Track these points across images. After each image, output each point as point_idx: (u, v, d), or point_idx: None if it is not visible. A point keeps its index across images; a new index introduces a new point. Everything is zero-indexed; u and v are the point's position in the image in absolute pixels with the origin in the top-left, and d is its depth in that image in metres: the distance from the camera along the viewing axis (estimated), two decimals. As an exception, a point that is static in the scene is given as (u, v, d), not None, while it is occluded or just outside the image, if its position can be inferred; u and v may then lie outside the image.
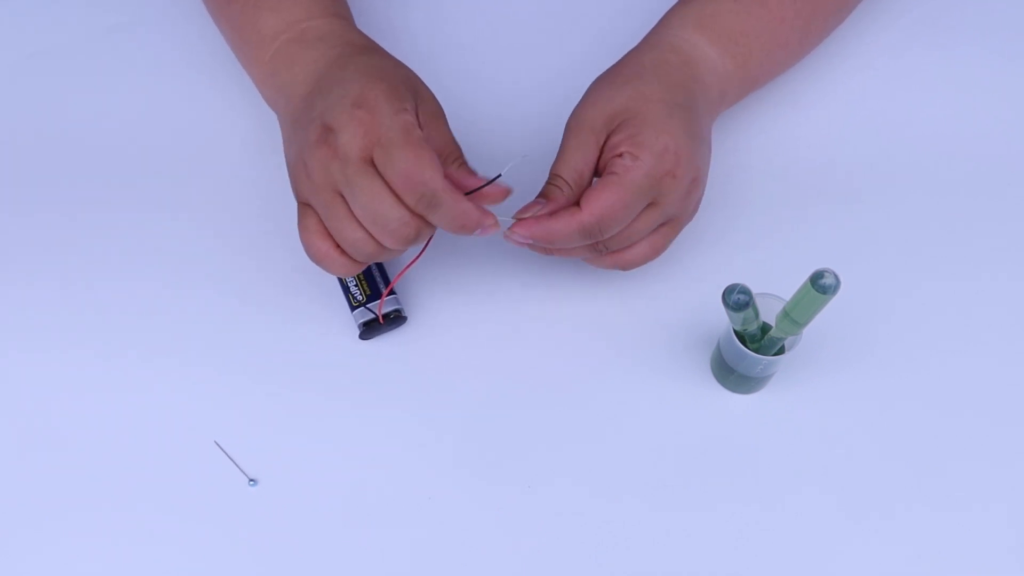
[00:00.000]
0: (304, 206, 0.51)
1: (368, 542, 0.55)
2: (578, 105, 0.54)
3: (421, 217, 0.48)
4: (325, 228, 0.50)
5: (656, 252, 0.55)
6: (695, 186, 0.53)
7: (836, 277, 0.45)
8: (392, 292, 0.60)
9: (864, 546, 0.54)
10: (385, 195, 0.47)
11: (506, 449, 0.57)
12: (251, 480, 0.56)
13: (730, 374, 0.57)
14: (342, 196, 0.48)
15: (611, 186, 0.50)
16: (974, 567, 0.54)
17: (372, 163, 0.47)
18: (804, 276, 0.46)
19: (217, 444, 0.57)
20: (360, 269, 0.52)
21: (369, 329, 0.59)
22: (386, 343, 0.60)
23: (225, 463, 0.57)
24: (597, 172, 0.53)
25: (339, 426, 0.58)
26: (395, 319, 0.59)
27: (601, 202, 0.50)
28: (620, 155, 0.51)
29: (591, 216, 0.50)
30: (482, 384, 0.59)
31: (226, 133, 0.67)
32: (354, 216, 0.48)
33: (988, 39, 0.69)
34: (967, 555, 0.54)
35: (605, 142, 0.52)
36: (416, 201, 0.47)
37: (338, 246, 0.50)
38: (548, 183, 0.53)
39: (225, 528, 0.55)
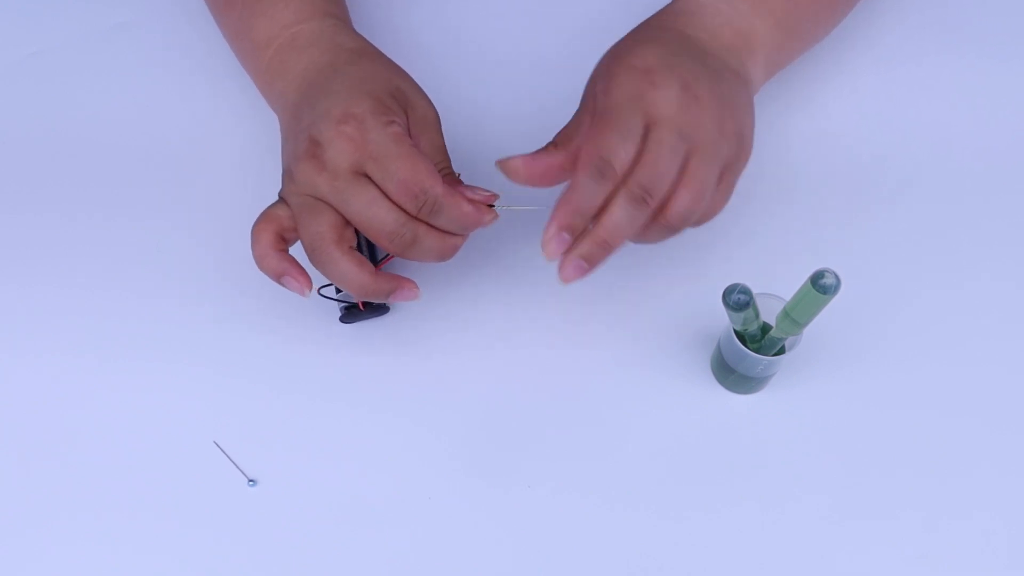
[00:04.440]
0: (279, 202, 0.51)
1: (368, 542, 0.55)
2: None
3: (419, 221, 0.49)
4: (280, 222, 0.50)
5: (698, 196, 0.49)
6: (688, 94, 0.48)
7: (837, 277, 0.45)
8: None
9: (864, 546, 0.54)
10: (380, 201, 0.48)
11: (505, 449, 0.57)
12: (250, 480, 0.56)
13: (730, 374, 0.57)
14: (323, 201, 0.49)
15: (593, 122, 0.49)
16: (974, 567, 0.54)
17: (363, 175, 0.48)
18: (805, 276, 0.46)
19: (216, 444, 0.57)
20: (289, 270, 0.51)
21: (350, 314, 0.59)
22: (385, 344, 0.60)
23: (225, 463, 0.57)
24: None
25: (339, 426, 0.58)
26: (377, 307, 0.59)
27: (589, 137, 0.48)
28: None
29: (587, 151, 0.47)
30: (481, 384, 0.59)
31: (226, 133, 0.67)
32: (324, 219, 0.49)
33: (1004, 44, 0.69)
34: (967, 555, 0.54)
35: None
36: (418, 208, 0.48)
37: (283, 241, 0.51)
38: None
39: (225, 529, 0.55)
